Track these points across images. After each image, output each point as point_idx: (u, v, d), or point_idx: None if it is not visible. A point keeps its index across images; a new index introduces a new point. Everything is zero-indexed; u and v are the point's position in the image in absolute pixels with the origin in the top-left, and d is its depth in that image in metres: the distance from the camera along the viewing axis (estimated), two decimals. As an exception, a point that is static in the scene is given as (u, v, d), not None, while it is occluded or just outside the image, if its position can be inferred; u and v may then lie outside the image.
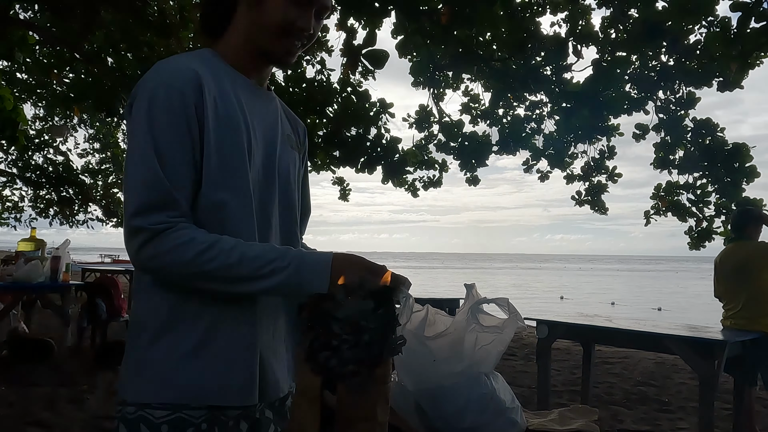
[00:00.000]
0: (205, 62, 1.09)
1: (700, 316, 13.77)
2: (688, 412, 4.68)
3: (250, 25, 1.12)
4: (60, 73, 8.04)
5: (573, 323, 4.32)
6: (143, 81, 1.04)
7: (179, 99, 1.00)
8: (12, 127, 6.49)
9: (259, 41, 1.12)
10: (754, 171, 6.36)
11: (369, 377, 0.83)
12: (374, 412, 0.87)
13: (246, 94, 1.13)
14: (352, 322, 0.83)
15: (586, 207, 8.43)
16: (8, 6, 6.16)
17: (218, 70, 1.11)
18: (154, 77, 1.03)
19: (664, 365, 6.81)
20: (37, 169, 14.23)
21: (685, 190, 7.14)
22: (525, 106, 8.25)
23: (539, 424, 3.18)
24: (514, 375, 5.94)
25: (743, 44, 4.82)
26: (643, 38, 5.49)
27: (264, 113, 1.17)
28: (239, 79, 1.14)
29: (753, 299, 4.00)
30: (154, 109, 1.00)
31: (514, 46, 6.41)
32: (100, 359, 5.53)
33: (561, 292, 26.77)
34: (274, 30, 1.10)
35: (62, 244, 5.55)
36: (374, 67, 5.67)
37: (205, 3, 1.19)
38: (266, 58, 1.15)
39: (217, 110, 1.05)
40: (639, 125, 7.31)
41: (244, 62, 1.15)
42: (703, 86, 6.00)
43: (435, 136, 8.70)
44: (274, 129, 1.18)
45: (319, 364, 0.84)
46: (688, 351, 3.60)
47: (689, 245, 7.13)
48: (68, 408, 4.10)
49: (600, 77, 6.16)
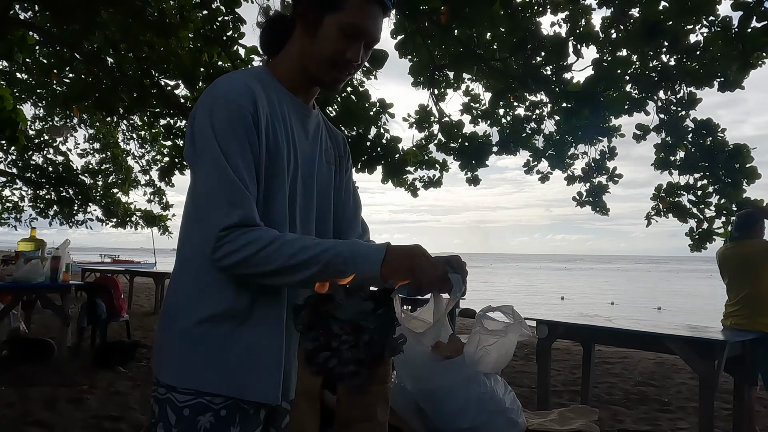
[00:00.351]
0: (259, 79, 1.17)
1: (700, 316, 13.76)
2: (688, 412, 4.68)
3: (304, 51, 1.19)
4: (60, 74, 8.04)
5: (573, 323, 4.32)
6: (202, 97, 1.13)
7: (238, 110, 1.08)
8: (12, 127, 6.49)
9: (311, 68, 1.20)
10: (755, 172, 6.35)
11: (369, 377, 0.83)
12: (374, 412, 0.87)
13: (292, 111, 1.22)
14: (351, 322, 0.83)
15: (587, 207, 8.43)
16: (8, 6, 6.16)
17: (269, 86, 1.19)
18: (212, 92, 1.12)
19: (664, 365, 6.81)
20: (37, 169, 14.22)
21: (686, 191, 7.13)
22: (525, 107, 8.25)
23: (539, 424, 3.18)
24: (514, 375, 5.94)
25: (744, 44, 4.81)
26: (642, 38, 5.48)
27: (306, 131, 1.26)
28: (287, 97, 1.22)
29: (754, 297, 4.00)
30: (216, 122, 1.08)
31: (514, 46, 6.41)
32: (100, 359, 5.53)
33: (561, 292, 26.76)
34: (326, 60, 1.17)
35: (62, 244, 5.54)
36: (374, 66, 5.66)
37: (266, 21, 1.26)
38: (315, 83, 1.24)
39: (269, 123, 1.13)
40: (639, 126, 7.31)
41: (295, 82, 1.23)
42: (703, 86, 5.98)
43: (435, 136, 8.71)
44: (314, 146, 1.27)
45: (318, 366, 0.84)
46: (688, 351, 3.60)
47: (690, 247, 7.12)
48: (68, 408, 4.10)
49: (600, 77, 6.16)
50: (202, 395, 1.07)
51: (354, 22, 1.15)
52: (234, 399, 1.08)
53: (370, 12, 1.18)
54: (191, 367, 1.08)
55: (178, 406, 1.07)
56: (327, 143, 1.33)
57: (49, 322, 7.37)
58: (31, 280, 5.15)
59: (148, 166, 15.76)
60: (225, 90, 1.11)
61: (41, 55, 9.29)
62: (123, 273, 12.13)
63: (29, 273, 5.13)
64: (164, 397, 1.09)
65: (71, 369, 5.28)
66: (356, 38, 1.17)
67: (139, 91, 6.97)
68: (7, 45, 6.48)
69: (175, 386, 1.08)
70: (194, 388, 1.07)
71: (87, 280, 11.15)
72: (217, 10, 6.76)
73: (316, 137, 1.29)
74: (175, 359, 1.10)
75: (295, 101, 1.23)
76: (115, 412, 4.03)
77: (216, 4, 6.74)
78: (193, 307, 1.11)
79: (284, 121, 1.18)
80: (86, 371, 5.25)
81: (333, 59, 1.17)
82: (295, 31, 1.21)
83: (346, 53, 1.16)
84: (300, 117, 1.24)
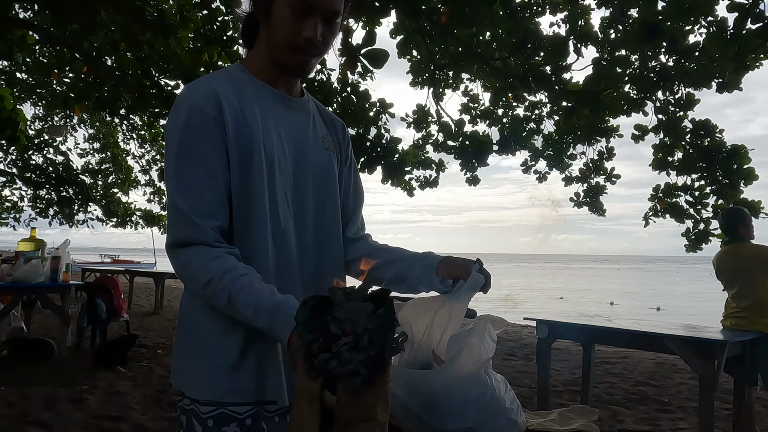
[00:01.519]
0: (230, 79, 1.16)
1: (700, 316, 13.77)
2: (688, 412, 4.68)
3: (266, 40, 1.17)
4: (60, 73, 8.04)
5: (573, 323, 4.32)
6: (173, 106, 1.14)
7: (200, 116, 1.08)
8: (12, 127, 6.49)
9: (275, 56, 1.17)
10: (752, 173, 6.35)
11: (370, 378, 0.83)
12: (374, 412, 0.87)
13: (272, 104, 1.19)
14: (351, 323, 0.84)
15: (586, 208, 8.44)
16: (8, 6, 6.16)
17: (243, 84, 1.17)
18: (178, 99, 1.13)
19: (664, 365, 6.81)
20: (36, 169, 14.23)
21: (683, 192, 7.14)
22: (524, 106, 8.26)
23: (539, 424, 3.18)
24: (514, 375, 5.94)
25: (739, 45, 4.81)
26: (640, 38, 5.48)
27: (293, 120, 1.22)
28: (265, 90, 1.19)
29: (755, 304, 4.00)
30: (178, 130, 1.08)
31: (513, 46, 6.41)
32: (100, 359, 5.53)
33: (561, 292, 26.77)
34: (284, 44, 1.13)
35: (62, 244, 5.55)
36: (374, 66, 5.65)
37: (242, 19, 1.25)
38: (284, 71, 1.20)
39: (237, 122, 1.11)
40: (638, 126, 7.32)
41: (270, 74, 1.20)
42: (702, 87, 5.99)
43: (433, 136, 8.72)
44: (304, 134, 1.24)
45: (316, 368, 0.84)
46: (688, 351, 3.60)
47: (686, 247, 7.13)
48: (68, 408, 4.10)
49: (600, 77, 6.17)
50: (224, 405, 1.08)
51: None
52: (256, 407, 1.09)
53: None
54: (209, 378, 1.09)
55: (203, 417, 1.08)
56: (323, 130, 1.30)
57: (49, 322, 7.38)
58: (31, 280, 5.15)
59: (148, 166, 15.77)
60: (187, 96, 1.11)
61: (41, 54, 9.30)
62: (123, 273, 12.13)
63: (29, 273, 5.13)
64: (189, 408, 1.10)
65: (71, 369, 5.28)
66: (309, 14, 1.10)
67: (140, 92, 6.98)
68: (7, 45, 6.47)
69: (198, 399, 1.09)
70: (215, 400, 1.08)
71: (87, 280, 11.16)
72: (217, 10, 6.76)
73: (307, 126, 1.25)
74: (193, 372, 1.11)
75: (276, 93, 1.21)
76: (115, 412, 4.03)
77: (216, 3, 6.74)
78: (205, 317, 1.12)
79: (263, 116, 1.15)
80: (86, 371, 5.25)
81: (291, 42, 1.12)
82: (260, 23, 1.19)
83: (303, 32, 1.11)
84: (282, 108, 1.21)
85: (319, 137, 1.27)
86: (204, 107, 1.08)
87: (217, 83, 1.13)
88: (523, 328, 10.27)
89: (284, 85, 1.23)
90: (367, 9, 5.41)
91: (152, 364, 5.74)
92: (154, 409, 4.19)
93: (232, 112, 1.11)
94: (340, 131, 1.36)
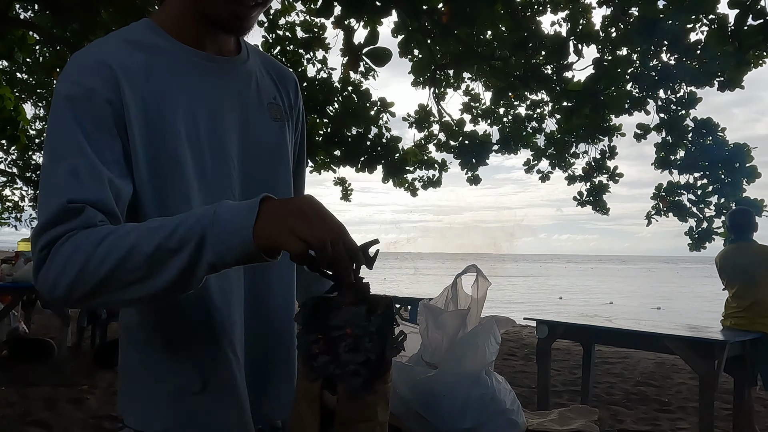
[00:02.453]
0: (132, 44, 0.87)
1: (700, 316, 13.76)
2: (688, 412, 4.68)
3: None
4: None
5: (573, 323, 4.32)
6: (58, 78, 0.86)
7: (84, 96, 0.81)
8: (13, 126, 6.49)
9: (203, 7, 0.88)
10: (755, 171, 6.35)
11: (370, 379, 0.83)
12: (374, 412, 0.86)
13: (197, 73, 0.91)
14: (350, 324, 0.83)
15: (589, 207, 8.45)
16: (8, 6, 6.16)
17: (151, 47, 0.88)
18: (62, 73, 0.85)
19: (664, 365, 6.81)
20: (37, 168, 14.24)
21: (686, 190, 7.13)
22: (526, 105, 8.26)
23: (539, 424, 3.18)
24: (514, 375, 5.94)
25: (740, 41, 4.81)
26: (640, 36, 5.48)
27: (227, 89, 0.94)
28: (183, 53, 0.90)
29: (756, 304, 3.99)
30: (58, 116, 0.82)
31: (515, 45, 6.41)
32: (100, 359, 5.53)
33: (561, 292, 26.77)
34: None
35: (62, 244, 5.55)
36: (376, 65, 5.65)
37: None
38: (212, 26, 0.90)
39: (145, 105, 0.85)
40: (640, 125, 7.32)
41: (189, 32, 0.91)
42: (703, 86, 5.99)
43: (435, 136, 8.72)
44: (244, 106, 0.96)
45: (315, 369, 0.84)
46: (688, 351, 3.59)
47: (689, 246, 7.12)
48: (68, 408, 4.10)
49: (601, 76, 6.16)
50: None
51: None
52: None
53: None
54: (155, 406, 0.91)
55: None
56: (270, 93, 1.01)
57: (49, 322, 7.37)
58: (31, 280, 5.15)
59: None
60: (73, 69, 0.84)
61: (41, 54, 9.30)
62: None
63: (29, 273, 5.13)
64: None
65: (71, 369, 5.28)
66: None
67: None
68: (7, 45, 6.48)
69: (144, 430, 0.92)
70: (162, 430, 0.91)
71: (87, 279, 11.16)
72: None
73: (248, 92, 0.97)
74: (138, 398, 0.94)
75: (201, 56, 0.91)
76: (115, 412, 4.01)
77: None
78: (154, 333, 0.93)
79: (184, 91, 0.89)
80: (86, 371, 5.25)
81: None
82: None
83: None
84: (214, 74, 0.93)
85: (265, 104, 1.00)
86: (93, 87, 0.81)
87: (113, 54, 0.84)
88: (523, 328, 10.27)
89: (212, 44, 0.93)
90: (368, 8, 5.41)
91: (152, 363, 5.74)
92: (154, 409, 4.19)
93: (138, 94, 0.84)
94: (292, 90, 1.08)
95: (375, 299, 0.85)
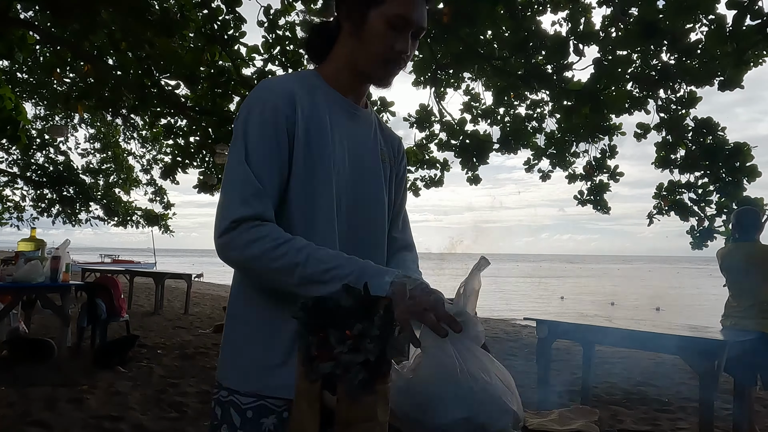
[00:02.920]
0: (303, 82, 1.20)
1: (700, 316, 13.76)
2: (688, 412, 4.68)
3: (353, 50, 1.21)
4: (62, 73, 8.04)
5: (573, 323, 4.32)
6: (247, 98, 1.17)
7: (272, 111, 1.12)
8: (14, 126, 6.49)
9: (362, 66, 1.21)
10: (755, 170, 6.35)
11: (371, 379, 0.83)
12: (374, 412, 0.86)
13: (340, 112, 1.23)
14: (351, 324, 0.83)
15: (590, 206, 8.44)
16: (8, 6, 6.16)
17: (316, 89, 1.21)
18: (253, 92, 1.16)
19: (664, 365, 6.81)
20: (38, 168, 14.25)
21: (687, 189, 7.13)
22: (526, 105, 8.26)
23: (539, 424, 3.18)
24: (514, 375, 5.93)
25: (738, 41, 4.82)
26: (640, 36, 5.48)
27: (357, 129, 1.27)
28: (335, 97, 1.23)
29: (757, 304, 3.98)
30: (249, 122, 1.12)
31: (515, 45, 6.41)
32: (100, 359, 5.53)
33: (561, 292, 26.76)
34: (377, 56, 1.18)
35: (62, 244, 5.54)
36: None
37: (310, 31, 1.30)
38: (366, 81, 1.25)
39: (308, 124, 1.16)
40: (640, 125, 7.32)
41: (343, 83, 1.24)
42: (703, 85, 5.98)
43: (436, 136, 8.71)
44: (365, 144, 1.28)
45: (315, 370, 0.84)
46: (688, 351, 3.59)
47: (691, 245, 7.11)
48: (68, 408, 4.10)
49: (601, 75, 6.16)
50: (265, 398, 1.11)
51: (400, 13, 1.15)
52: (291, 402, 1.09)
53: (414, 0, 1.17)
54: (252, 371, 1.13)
55: (242, 407, 1.11)
56: (382, 143, 1.34)
57: (49, 322, 7.38)
58: (31, 280, 5.15)
59: (149, 166, 15.79)
60: (264, 91, 1.15)
61: (41, 54, 9.30)
62: (123, 273, 12.14)
63: (29, 273, 5.13)
64: (227, 399, 1.14)
65: (71, 369, 5.28)
66: (404, 29, 1.16)
67: (140, 91, 6.97)
68: (7, 45, 6.48)
69: (239, 390, 1.13)
70: (256, 392, 1.11)
71: (87, 280, 11.16)
72: (218, 9, 6.76)
73: (368, 136, 1.30)
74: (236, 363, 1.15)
75: (345, 101, 1.25)
76: (115, 412, 4.03)
77: (216, 2, 6.74)
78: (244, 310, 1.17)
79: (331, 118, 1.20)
80: (86, 371, 5.25)
81: (384, 54, 1.17)
82: (340, 33, 1.23)
83: (395, 45, 1.16)
84: (349, 117, 1.25)
85: (379, 149, 1.32)
86: (278, 103, 1.13)
87: (293, 84, 1.18)
88: (523, 328, 10.27)
89: (354, 95, 1.27)
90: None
91: (152, 364, 5.74)
92: (154, 409, 4.19)
93: (305, 115, 1.16)
94: (396, 147, 1.41)
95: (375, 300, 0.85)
